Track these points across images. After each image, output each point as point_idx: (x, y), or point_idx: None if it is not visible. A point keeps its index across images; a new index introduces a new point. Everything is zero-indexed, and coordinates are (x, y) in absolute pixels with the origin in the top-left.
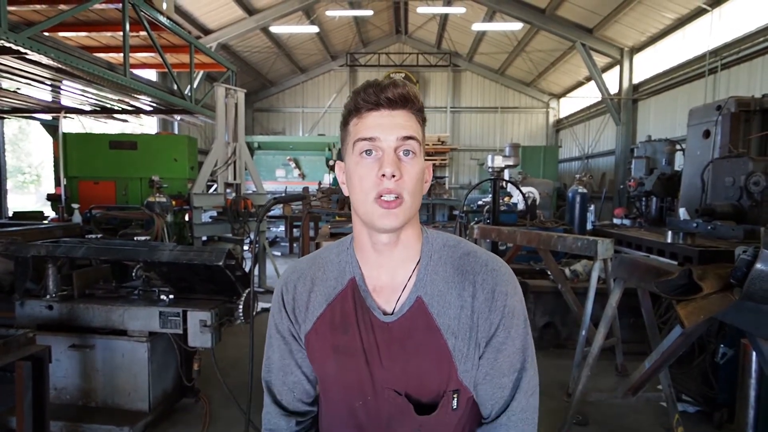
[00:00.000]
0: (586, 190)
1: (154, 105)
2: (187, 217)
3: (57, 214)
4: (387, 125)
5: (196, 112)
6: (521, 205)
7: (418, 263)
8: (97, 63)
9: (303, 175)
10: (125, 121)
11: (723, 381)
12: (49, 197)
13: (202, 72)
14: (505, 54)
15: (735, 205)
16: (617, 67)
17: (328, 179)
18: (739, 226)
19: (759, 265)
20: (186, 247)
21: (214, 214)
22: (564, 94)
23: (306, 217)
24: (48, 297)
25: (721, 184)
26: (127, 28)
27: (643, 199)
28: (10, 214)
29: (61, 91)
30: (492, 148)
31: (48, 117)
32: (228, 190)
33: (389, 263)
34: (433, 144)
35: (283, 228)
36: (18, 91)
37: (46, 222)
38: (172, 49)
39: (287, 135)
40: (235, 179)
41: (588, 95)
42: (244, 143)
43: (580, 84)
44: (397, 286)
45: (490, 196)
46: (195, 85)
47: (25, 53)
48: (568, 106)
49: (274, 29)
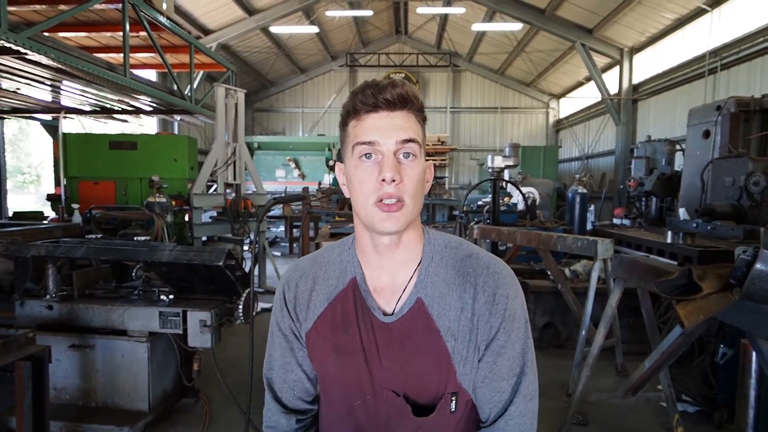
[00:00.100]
0: (585, 191)
1: (154, 105)
2: (187, 218)
3: (57, 215)
4: (386, 128)
5: (196, 113)
6: (521, 206)
7: (419, 264)
8: (97, 63)
9: (303, 176)
10: (125, 121)
11: (723, 381)
12: (49, 197)
13: (202, 72)
14: (505, 54)
15: (735, 205)
16: (617, 68)
17: (328, 179)
18: (738, 226)
19: (759, 265)
20: (186, 248)
21: (214, 214)
22: (564, 94)
23: (306, 217)
24: (48, 297)
25: (720, 184)
26: (127, 28)
27: (643, 199)
28: (10, 214)
29: (61, 92)
30: (492, 149)
31: (48, 117)
32: (228, 191)
33: (390, 264)
34: (433, 144)
35: (283, 228)
36: (18, 91)
37: (46, 222)
38: (172, 50)
39: (287, 135)
40: (235, 179)
41: (588, 95)
42: (244, 143)
43: (580, 84)
44: (397, 286)
45: (490, 196)
46: (195, 86)
47: (25, 53)
48: (568, 107)
49: (274, 29)
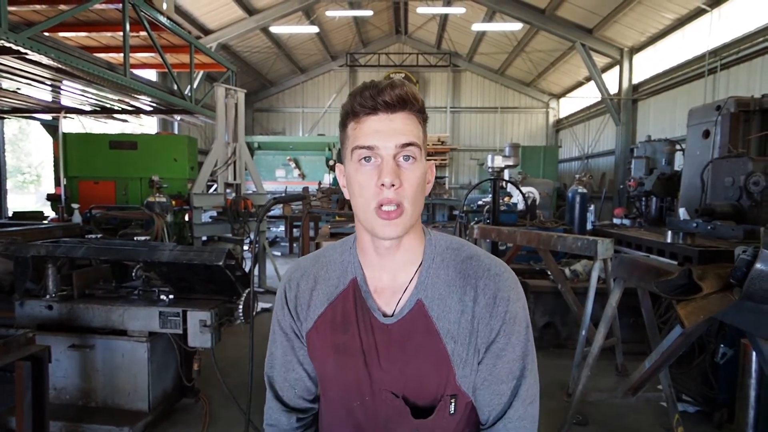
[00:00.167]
0: (585, 190)
1: (154, 105)
2: (187, 217)
3: (57, 214)
4: (385, 131)
5: (196, 112)
6: (521, 205)
7: (420, 266)
8: (97, 63)
9: (303, 175)
10: (125, 121)
11: (723, 381)
12: (49, 197)
13: (202, 72)
14: (505, 54)
15: (735, 205)
16: (617, 68)
17: (328, 179)
18: (738, 226)
19: (759, 265)
20: (186, 247)
21: (214, 214)
22: (564, 94)
23: (306, 217)
24: (48, 297)
25: (720, 184)
26: (127, 28)
27: (643, 199)
28: (10, 214)
29: (61, 91)
30: (492, 148)
31: (48, 117)
32: (228, 190)
33: (391, 265)
34: (433, 144)
35: (283, 228)
36: (18, 91)
37: (46, 222)
38: (172, 49)
39: (287, 135)
40: (235, 179)
41: (588, 95)
42: (244, 143)
43: (579, 84)
44: (398, 288)
45: (490, 196)
46: (195, 85)
47: (25, 53)
48: (568, 106)
49: (274, 29)
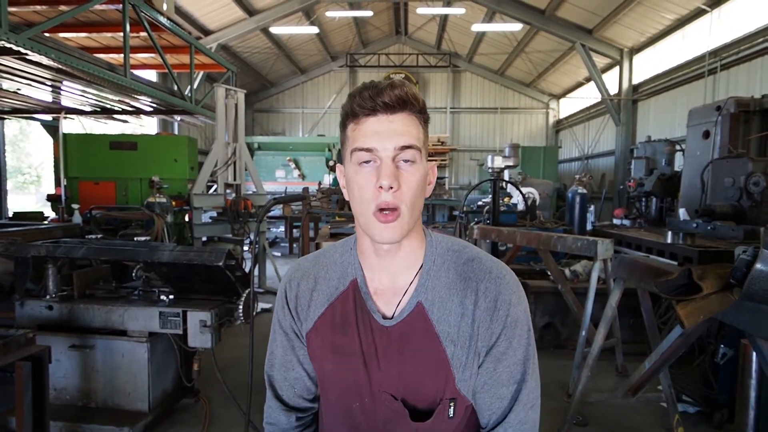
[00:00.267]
0: (585, 191)
1: (155, 105)
2: (187, 218)
3: (57, 215)
4: (385, 133)
5: (196, 113)
6: (521, 206)
7: (420, 268)
8: (98, 63)
9: (303, 176)
10: (125, 121)
11: (723, 381)
12: (50, 198)
13: (202, 72)
14: (505, 55)
15: (735, 206)
16: (617, 68)
17: (328, 180)
18: (738, 226)
19: (759, 265)
20: (186, 248)
21: (214, 214)
22: (564, 94)
23: (306, 217)
24: (48, 297)
25: (720, 185)
26: (128, 28)
27: (643, 199)
28: (10, 214)
29: (62, 92)
30: (492, 149)
31: (48, 117)
32: (228, 191)
33: (391, 267)
34: (433, 144)
35: (283, 228)
36: (18, 91)
37: (46, 222)
38: (172, 50)
39: (287, 136)
40: (235, 180)
41: (588, 96)
42: (244, 144)
43: (579, 85)
44: (398, 290)
45: (490, 196)
46: (195, 86)
47: (25, 54)
48: (568, 107)
49: (274, 30)
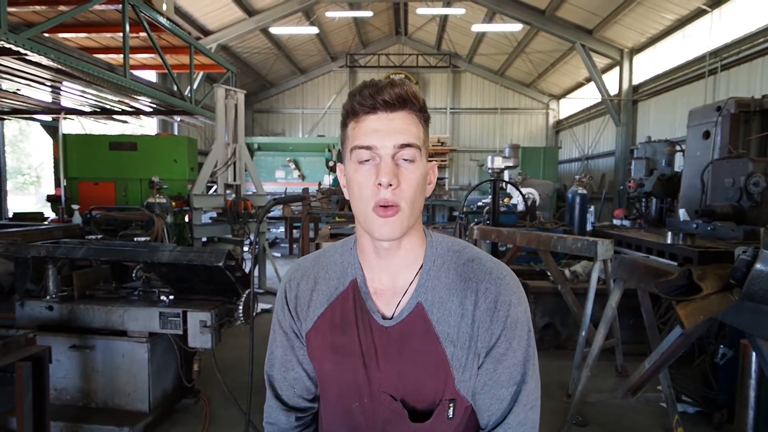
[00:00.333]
0: (585, 191)
1: (154, 106)
2: (187, 218)
3: (57, 215)
4: (385, 131)
5: (195, 113)
6: (521, 206)
7: (420, 268)
8: (97, 64)
9: (303, 176)
10: (125, 122)
11: (723, 382)
12: (49, 198)
13: (201, 73)
14: (505, 55)
15: (735, 206)
16: (617, 68)
17: (328, 180)
18: (739, 226)
19: (759, 266)
20: (186, 248)
21: (214, 215)
22: (564, 95)
23: (306, 218)
24: (48, 298)
25: (720, 185)
26: (127, 29)
27: (643, 200)
28: (10, 215)
29: (61, 92)
30: (492, 149)
31: (48, 118)
32: (228, 191)
33: (391, 267)
34: (433, 145)
35: (282, 229)
36: (18, 92)
37: (46, 223)
38: (171, 50)
39: (287, 136)
40: (234, 180)
41: (588, 96)
42: (244, 144)
43: (579, 85)
44: (398, 290)
45: (490, 197)
46: (195, 86)
47: (25, 54)
48: (568, 107)
49: (274, 30)
